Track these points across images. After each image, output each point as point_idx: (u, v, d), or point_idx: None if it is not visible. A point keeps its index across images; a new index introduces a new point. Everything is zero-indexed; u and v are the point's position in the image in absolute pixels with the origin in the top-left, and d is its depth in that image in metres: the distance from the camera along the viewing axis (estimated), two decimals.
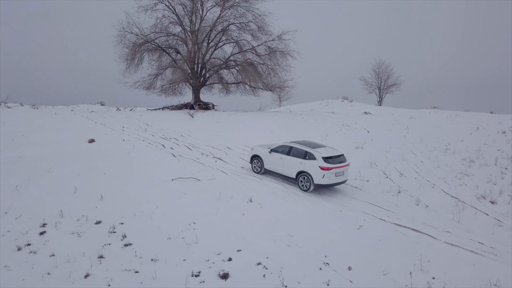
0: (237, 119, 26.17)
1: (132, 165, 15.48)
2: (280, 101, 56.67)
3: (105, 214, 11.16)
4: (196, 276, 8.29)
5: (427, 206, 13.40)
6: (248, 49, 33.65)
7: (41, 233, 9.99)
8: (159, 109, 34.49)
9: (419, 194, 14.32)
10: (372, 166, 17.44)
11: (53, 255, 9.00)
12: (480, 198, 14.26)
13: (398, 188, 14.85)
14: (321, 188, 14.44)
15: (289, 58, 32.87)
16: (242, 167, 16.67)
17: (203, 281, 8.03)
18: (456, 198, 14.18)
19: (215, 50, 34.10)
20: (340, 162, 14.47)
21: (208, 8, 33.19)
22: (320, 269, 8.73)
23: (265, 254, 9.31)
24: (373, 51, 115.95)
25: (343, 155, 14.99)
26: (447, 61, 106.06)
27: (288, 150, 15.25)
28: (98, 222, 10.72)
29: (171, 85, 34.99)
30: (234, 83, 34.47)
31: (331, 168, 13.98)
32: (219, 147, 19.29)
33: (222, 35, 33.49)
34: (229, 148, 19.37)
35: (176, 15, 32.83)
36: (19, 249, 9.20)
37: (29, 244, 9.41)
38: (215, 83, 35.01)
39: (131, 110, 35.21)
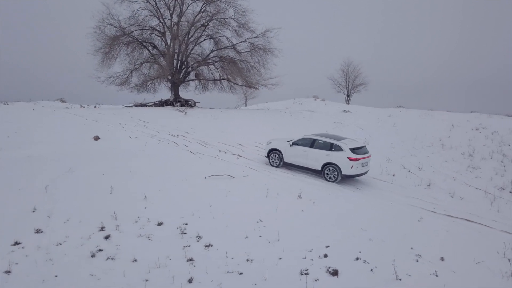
0: (232, 117, 25.64)
1: (156, 163, 14.57)
2: (246, 99, 56.50)
3: (160, 215, 10.35)
4: (305, 274, 7.90)
5: (462, 198, 13.99)
6: (229, 46, 33.07)
7: (106, 237, 9.03)
8: (136, 105, 32.80)
9: (447, 187, 14.90)
10: (389, 161, 17.89)
11: (136, 260, 8.16)
12: (500, 189, 15.15)
13: (427, 181, 15.34)
14: (347, 179, 14.74)
15: (271, 56, 32.74)
16: (266, 164, 16.33)
17: (317, 279, 7.66)
18: (480, 189, 14.94)
19: (195, 45, 33.11)
20: (365, 153, 14.80)
21: (189, 3, 32.14)
22: (417, 261, 8.72)
23: (354, 248, 9.11)
24: (343, 51, 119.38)
25: (365, 146, 15.32)
26: (411, 61, 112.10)
27: (312, 143, 15.26)
28: (160, 224, 9.91)
29: (148, 81, 33.47)
30: (216, 79, 33.70)
31: (358, 159, 14.26)
32: (231, 144, 18.73)
33: (204, 31, 32.60)
34: (241, 144, 18.88)
35: (156, 7, 31.39)
36: (92, 255, 8.24)
37: (100, 250, 8.46)
38: (197, 79, 34.02)
39: (94, 107, 32.98)
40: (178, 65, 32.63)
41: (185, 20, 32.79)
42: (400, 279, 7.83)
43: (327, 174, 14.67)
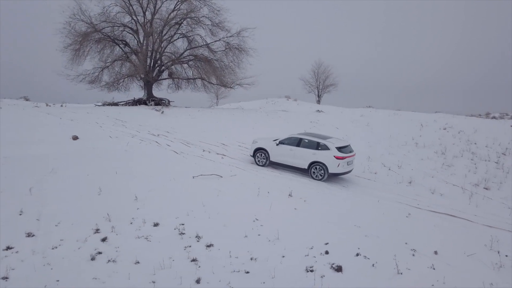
0: (210, 116, 25.44)
1: (141, 163, 14.25)
2: (217, 99, 56.22)
3: (154, 215, 10.16)
4: (311, 271, 8.00)
5: (442, 194, 14.59)
6: (204, 45, 32.81)
7: (103, 240, 8.75)
8: (108, 104, 31.88)
9: (427, 184, 15.50)
10: (369, 159, 18.38)
11: (138, 262, 7.97)
12: (475, 185, 15.94)
13: (408, 178, 15.89)
14: (333, 177, 15.08)
15: (245, 56, 32.76)
16: (252, 163, 16.36)
17: (323, 276, 7.78)
18: (457, 186, 15.65)
19: (169, 44, 32.61)
20: (350, 152, 15.18)
21: (163, 0, 31.61)
22: (413, 255, 9.01)
23: (353, 245, 9.30)
24: (314, 52, 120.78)
25: (350, 145, 15.71)
26: (377, 62, 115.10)
27: (298, 142, 15.48)
28: (156, 224, 9.72)
29: (120, 80, 32.64)
30: (191, 78, 33.33)
31: (345, 157, 14.60)
32: (214, 143, 18.62)
33: (178, 29, 32.17)
34: (224, 144, 18.80)
35: (128, 4, 30.62)
36: (92, 258, 7.96)
37: (100, 253, 8.20)
38: (171, 78, 33.50)
39: (61, 106, 31.73)
40: (152, 63, 32.02)
41: (159, 18, 32.26)
42: (401, 273, 8.08)
43: (314, 172, 14.91)
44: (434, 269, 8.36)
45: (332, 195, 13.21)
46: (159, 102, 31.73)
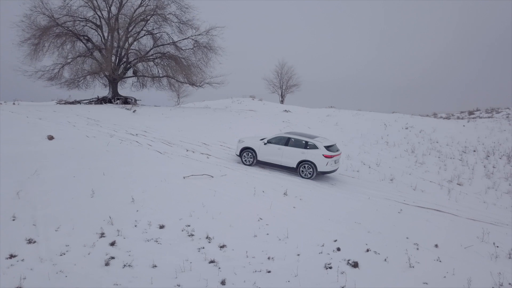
0: (183, 115, 24.95)
1: (127, 164, 13.74)
2: (178, 98, 55.18)
3: (156, 217, 9.89)
4: (330, 268, 8.13)
5: (423, 191, 15.33)
6: (171, 43, 32.12)
7: (112, 244, 8.39)
8: (71, 103, 30.33)
9: (407, 181, 16.22)
10: (349, 158, 18.91)
11: (156, 266, 7.72)
12: (449, 181, 16.90)
13: (389, 176, 16.53)
14: (320, 175, 15.44)
15: (214, 55, 32.43)
16: (238, 162, 16.30)
17: (343, 272, 7.92)
18: (434, 182, 16.52)
19: (134, 41, 31.56)
20: (337, 151, 15.58)
21: None
22: (417, 249, 9.39)
23: (360, 241, 9.54)
24: (276, 51, 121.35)
25: (336, 144, 16.12)
26: (336, 62, 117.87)
27: (286, 141, 15.64)
28: (161, 226, 9.46)
29: (81, 77, 31.15)
30: (159, 77, 32.49)
31: (333, 156, 14.97)
32: (195, 143, 18.32)
33: (144, 26, 31.25)
34: (205, 144, 18.54)
35: None
36: (106, 264, 7.62)
37: (112, 258, 7.85)
38: (138, 76, 32.46)
39: (13, 104, 29.72)
40: (117, 60, 30.87)
41: (123, 13, 31.15)
42: (413, 267, 8.41)
43: (303, 171, 15.12)
44: (440, 261, 8.77)
45: (324, 193, 13.46)
46: (125, 100, 30.65)
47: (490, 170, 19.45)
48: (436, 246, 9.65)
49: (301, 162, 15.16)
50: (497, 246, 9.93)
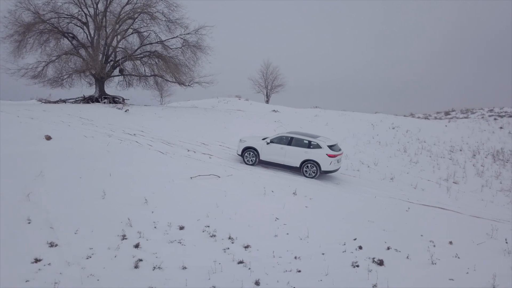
0: (176, 115, 24.64)
1: (131, 164, 13.47)
2: (161, 97, 54.45)
3: (174, 218, 9.75)
4: (357, 266, 8.20)
5: (424, 189, 15.68)
6: (159, 41, 31.66)
7: (136, 246, 8.22)
8: (56, 102, 29.46)
9: (406, 180, 16.56)
10: (347, 157, 19.13)
11: (185, 268, 7.61)
12: (445, 180, 17.36)
13: (389, 175, 16.83)
14: (323, 175, 15.59)
15: (202, 54, 32.16)
16: (240, 162, 16.25)
17: (370, 270, 8.00)
18: (431, 181, 16.93)
19: (122, 38, 30.94)
20: (339, 150, 15.78)
21: None
22: (434, 246, 9.59)
23: (378, 239, 9.67)
24: (261, 52, 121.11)
25: (337, 143, 16.32)
26: (320, 63, 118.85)
27: (289, 141, 15.73)
28: (181, 228, 9.33)
29: (66, 75, 30.31)
30: (147, 76, 31.98)
31: (336, 156, 15.16)
32: (194, 143, 18.14)
33: (132, 24, 30.68)
34: (204, 144, 18.38)
35: None
36: (136, 266, 7.45)
37: (140, 260, 7.68)
38: (126, 74, 31.84)
39: None
40: (104, 59, 30.19)
41: (110, 11, 30.49)
42: (435, 264, 8.59)
43: (306, 170, 15.21)
44: (459, 258, 9.00)
45: (330, 192, 13.58)
46: (113, 100, 30.02)
47: (480, 169, 20.10)
48: (451, 243, 9.88)
49: (304, 162, 15.25)
50: (506, 242, 10.25)
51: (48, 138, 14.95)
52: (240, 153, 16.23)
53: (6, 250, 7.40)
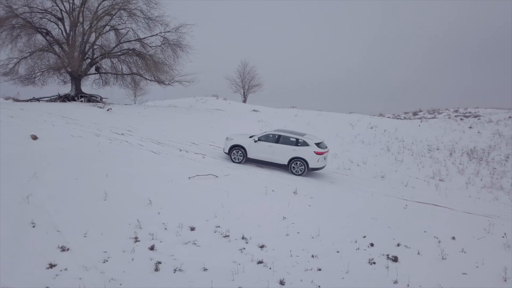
0: (160, 114, 24.19)
1: (126, 165, 13.08)
2: (135, 96, 53.26)
3: (182, 219, 9.54)
4: (373, 263, 8.30)
5: (414, 187, 16.11)
6: (137, 39, 30.96)
7: (151, 248, 7.98)
8: (29, 100, 28.20)
9: (396, 178, 16.96)
10: (336, 156, 19.37)
11: (206, 269, 7.45)
12: (432, 178, 17.91)
13: (380, 173, 17.17)
14: (311, 172, 15.82)
15: (182, 52, 31.71)
16: (233, 162, 16.13)
17: (387, 267, 8.13)
18: (419, 179, 17.42)
19: (99, 35, 30.00)
20: (326, 147, 16.02)
21: None
22: (439, 242, 9.83)
23: (387, 236, 9.82)
24: (239, 51, 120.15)
25: (324, 141, 16.56)
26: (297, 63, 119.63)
27: (277, 139, 15.82)
28: (192, 229, 9.14)
29: (38, 73, 29.11)
30: (125, 74, 31.18)
31: (323, 153, 15.40)
32: (185, 143, 17.85)
33: (110, 21, 29.82)
34: (194, 143, 18.12)
35: None
36: (156, 269, 7.23)
37: (159, 262, 7.46)
38: (105, 72, 30.91)
39: None
40: (80, 56, 29.17)
41: (87, 7, 29.51)
42: (445, 259, 8.82)
43: (294, 168, 15.39)
44: (465, 252, 9.29)
45: (328, 191, 13.71)
46: (89, 98, 29.05)
47: (459, 167, 20.86)
48: (453, 238, 10.18)
49: (292, 159, 15.42)
50: (503, 236, 10.68)
51: (34, 138, 14.29)
52: (227, 151, 16.17)
53: (16, 255, 7.01)
